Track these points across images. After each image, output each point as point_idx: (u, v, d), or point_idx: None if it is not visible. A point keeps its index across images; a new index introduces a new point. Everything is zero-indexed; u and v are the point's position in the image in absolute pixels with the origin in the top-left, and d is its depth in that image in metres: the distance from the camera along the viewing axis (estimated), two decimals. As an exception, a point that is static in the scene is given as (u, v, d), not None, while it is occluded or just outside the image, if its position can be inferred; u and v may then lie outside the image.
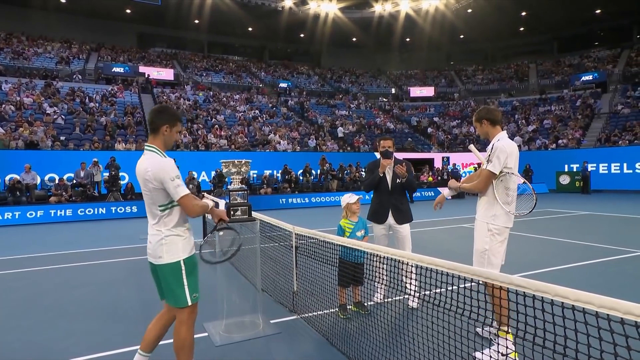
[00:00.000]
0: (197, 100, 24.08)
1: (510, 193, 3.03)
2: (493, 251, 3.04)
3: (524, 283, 1.62)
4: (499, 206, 3.01)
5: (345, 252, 3.63)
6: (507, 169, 2.99)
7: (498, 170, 2.98)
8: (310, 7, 31.72)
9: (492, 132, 3.17)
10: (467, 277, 2.00)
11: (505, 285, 1.83)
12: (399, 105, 31.90)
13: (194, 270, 2.51)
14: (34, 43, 27.61)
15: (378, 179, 4.21)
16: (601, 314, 1.38)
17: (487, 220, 3.06)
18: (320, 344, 3.24)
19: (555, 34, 35.10)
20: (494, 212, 3.04)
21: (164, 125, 2.46)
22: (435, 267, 2.16)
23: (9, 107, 17.35)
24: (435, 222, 10.36)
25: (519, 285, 1.63)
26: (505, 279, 1.80)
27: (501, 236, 3.05)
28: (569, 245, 7.13)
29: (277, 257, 4.58)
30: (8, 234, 9.92)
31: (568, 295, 1.43)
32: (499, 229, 3.03)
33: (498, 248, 3.05)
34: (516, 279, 1.73)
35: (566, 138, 22.64)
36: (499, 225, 3.03)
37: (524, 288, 1.60)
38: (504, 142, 3.03)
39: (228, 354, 3.06)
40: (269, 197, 15.62)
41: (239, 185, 3.56)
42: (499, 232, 3.04)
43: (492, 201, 3.06)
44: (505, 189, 3.03)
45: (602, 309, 1.34)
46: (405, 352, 2.71)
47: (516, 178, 3.02)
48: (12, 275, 5.79)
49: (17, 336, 3.48)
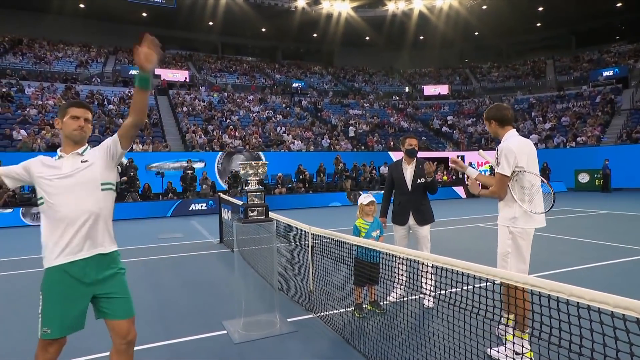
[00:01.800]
0: (212, 101, 24.38)
1: (527, 191, 2.91)
2: (517, 255, 2.93)
3: (539, 283, 1.64)
4: (517, 207, 2.92)
5: (362, 252, 3.67)
6: (519, 168, 2.90)
7: (509, 172, 2.90)
8: (323, 7, 31.76)
9: (501, 132, 3.11)
10: (482, 277, 2.03)
11: (521, 286, 1.84)
12: (412, 103, 31.68)
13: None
14: (55, 47, 28.36)
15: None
16: (617, 314, 1.39)
17: (507, 224, 2.97)
18: (336, 343, 3.29)
19: (573, 29, 34.29)
20: (513, 214, 2.95)
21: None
22: (450, 266, 2.19)
23: (32, 111, 17.88)
24: (451, 221, 10.29)
25: (534, 285, 1.65)
26: (520, 278, 1.82)
27: (524, 239, 2.92)
28: (586, 244, 7.01)
29: (294, 256, 4.64)
30: (33, 233, 10.26)
31: (583, 295, 1.45)
32: (520, 232, 2.92)
33: (523, 251, 2.93)
34: (531, 278, 1.75)
35: (585, 135, 22.15)
36: (520, 227, 2.92)
37: (539, 288, 1.62)
38: (510, 142, 2.97)
39: (246, 352, 3.13)
40: (284, 197, 15.73)
41: (256, 186, 3.64)
42: (521, 235, 2.92)
43: (510, 203, 2.97)
44: (521, 188, 2.93)
45: (618, 309, 1.35)
46: (421, 351, 2.74)
47: (531, 176, 2.91)
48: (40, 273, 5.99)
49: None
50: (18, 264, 6.61)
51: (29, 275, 5.90)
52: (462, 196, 17.58)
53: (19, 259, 6.99)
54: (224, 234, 8.03)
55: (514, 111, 21.29)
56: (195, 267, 6.17)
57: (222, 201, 8.11)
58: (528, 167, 2.93)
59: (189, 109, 22.31)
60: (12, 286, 5.39)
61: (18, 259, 6.99)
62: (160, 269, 6.03)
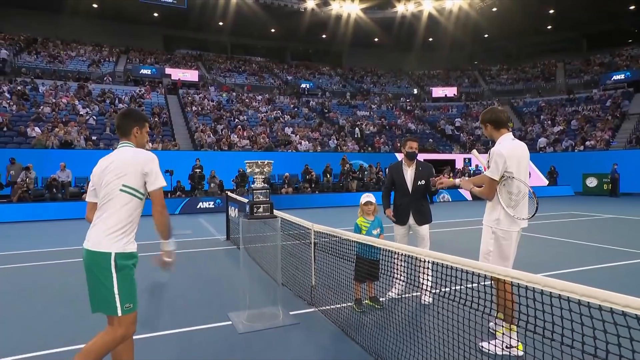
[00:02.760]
0: (221, 101, 24.67)
1: (514, 197, 2.99)
2: (500, 254, 3.04)
3: (518, 275, 1.77)
4: (500, 210, 3.02)
5: (362, 249, 3.81)
6: (508, 173, 2.97)
7: (497, 176, 2.98)
8: (333, 8, 31.93)
9: (497, 134, 3.16)
10: (475, 272, 2.16)
11: (509, 280, 1.96)
12: (420, 105, 31.69)
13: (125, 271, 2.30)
14: (68, 47, 28.91)
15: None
16: (605, 307, 1.51)
17: (491, 225, 3.08)
18: (336, 335, 3.43)
19: (584, 32, 34.02)
20: (497, 216, 3.05)
21: (134, 128, 2.50)
22: (441, 261, 2.33)
23: (46, 109, 18.29)
24: (454, 223, 10.37)
25: (515, 277, 1.78)
26: (509, 273, 1.94)
27: (507, 240, 3.03)
28: (587, 247, 7.06)
29: (297, 253, 4.80)
30: (48, 228, 10.55)
31: (555, 285, 1.58)
32: (503, 233, 3.03)
33: (505, 251, 3.04)
34: (520, 273, 1.86)
35: (594, 139, 22.00)
36: (502, 228, 3.03)
37: (518, 279, 1.76)
38: (502, 146, 3.02)
39: (250, 341, 3.30)
40: (290, 196, 15.91)
41: (262, 184, 3.80)
42: (503, 236, 3.03)
43: (495, 205, 3.08)
44: (508, 194, 3.01)
45: (606, 303, 1.46)
46: (416, 342, 2.87)
47: (519, 183, 2.98)
48: (58, 266, 6.23)
49: (71, 320, 3.83)
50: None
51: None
52: (467, 198, 17.60)
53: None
54: (231, 231, 8.21)
55: (511, 114, 20.67)
56: (203, 262, 6.36)
57: (230, 199, 8.30)
58: (518, 172, 3.00)
59: (198, 109, 22.61)
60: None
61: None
62: (177, 262, 6.23)
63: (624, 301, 1.42)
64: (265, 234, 4.11)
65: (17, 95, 19.05)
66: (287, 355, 3.08)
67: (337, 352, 3.14)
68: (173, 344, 3.29)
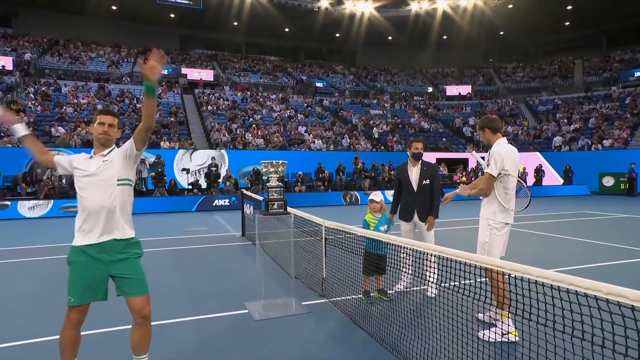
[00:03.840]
0: (236, 100, 25.09)
1: (509, 192, 3.43)
2: (492, 244, 3.42)
3: (512, 266, 1.98)
4: (497, 204, 3.42)
5: (370, 244, 4.04)
6: (505, 171, 3.37)
7: (496, 173, 3.38)
8: (346, 7, 32.04)
9: (493, 139, 3.60)
10: (467, 262, 2.38)
11: (507, 272, 2.17)
12: (434, 104, 31.59)
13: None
14: (88, 48, 29.75)
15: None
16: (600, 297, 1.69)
17: (487, 217, 3.47)
18: (344, 323, 3.68)
19: (603, 28, 33.32)
20: (493, 209, 3.45)
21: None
22: (439, 253, 2.54)
23: (69, 109, 18.97)
24: (460, 221, 10.49)
25: (525, 272, 1.96)
26: (502, 264, 2.14)
27: (500, 231, 3.42)
28: (594, 246, 7.12)
29: (309, 248, 5.05)
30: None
31: (548, 276, 1.78)
32: (497, 224, 3.42)
33: (498, 241, 3.42)
34: (506, 262, 2.09)
35: (612, 138, 21.65)
36: (497, 220, 3.42)
37: (514, 271, 1.98)
38: (500, 147, 3.45)
39: (264, 327, 3.57)
40: (303, 194, 16.19)
41: (276, 182, 4.07)
42: (497, 227, 3.42)
43: (491, 200, 3.47)
44: (504, 189, 3.42)
45: (610, 296, 1.64)
46: (420, 330, 3.09)
47: (513, 179, 3.42)
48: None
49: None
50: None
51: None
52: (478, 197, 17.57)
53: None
54: (246, 227, 8.53)
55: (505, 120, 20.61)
56: (220, 257, 6.68)
57: (245, 197, 8.62)
58: (512, 171, 3.41)
59: (213, 108, 23.08)
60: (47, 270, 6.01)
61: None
62: (187, 258, 6.56)
63: (615, 291, 1.60)
64: (279, 230, 4.38)
65: (41, 95, 19.80)
66: (299, 339, 3.34)
67: (345, 336, 3.38)
68: (195, 328, 3.58)
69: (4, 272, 5.74)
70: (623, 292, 1.58)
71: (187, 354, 3.10)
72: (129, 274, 2.47)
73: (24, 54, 25.18)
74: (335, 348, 3.17)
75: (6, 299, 4.47)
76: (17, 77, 22.22)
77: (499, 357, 2.86)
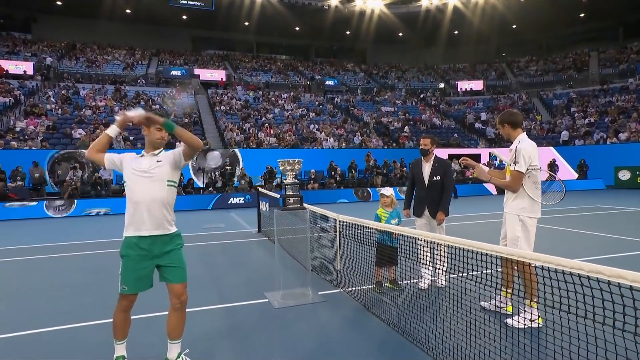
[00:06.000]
0: (248, 99, 25.46)
1: (537, 186, 3.52)
2: (525, 238, 3.47)
3: (544, 258, 2.10)
4: (527, 199, 3.47)
5: (383, 237, 4.27)
6: (532, 167, 3.44)
7: (524, 170, 3.43)
8: (356, 4, 32.14)
9: (514, 134, 3.61)
10: (489, 254, 2.58)
11: (528, 261, 2.22)
12: (445, 100, 31.49)
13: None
14: (104, 51, 30.50)
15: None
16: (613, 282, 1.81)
17: (517, 213, 3.50)
18: (358, 310, 3.92)
19: (620, 20, 32.73)
20: (523, 204, 3.49)
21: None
22: (452, 243, 2.76)
23: (87, 111, 19.57)
24: (473, 216, 10.60)
25: (544, 260, 2.11)
26: (535, 256, 2.18)
27: (531, 226, 3.49)
28: (603, 239, 7.20)
29: (324, 241, 5.31)
30: (95, 222, 11.54)
31: (573, 265, 1.91)
32: (527, 220, 3.48)
33: (529, 236, 3.48)
34: (541, 255, 2.15)
35: (628, 131, 21.34)
36: (527, 215, 3.48)
37: (547, 262, 2.09)
38: (525, 144, 3.47)
39: (284, 314, 3.84)
40: (316, 192, 16.45)
41: (293, 180, 4.33)
42: (527, 222, 3.48)
43: (521, 195, 3.50)
44: (534, 184, 3.49)
45: (612, 278, 1.74)
46: (428, 315, 3.32)
47: (541, 173, 3.53)
48: (104, 255, 7.00)
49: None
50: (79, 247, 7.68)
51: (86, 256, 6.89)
52: (492, 193, 17.59)
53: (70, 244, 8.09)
54: (262, 224, 8.83)
55: (524, 115, 20.53)
56: (239, 251, 6.99)
57: (260, 194, 8.92)
58: (539, 166, 3.48)
59: (226, 108, 23.48)
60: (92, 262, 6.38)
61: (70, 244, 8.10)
62: (209, 252, 6.89)
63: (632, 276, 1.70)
64: (295, 226, 4.64)
65: (61, 99, 20.46)
66: (317, 323, 3.61)
67: (359, 321, 3.63)
68: (220, 315, 3.87)
69: (46, 266, 6.14)
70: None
71: (218, 337, 3.39)
72: (173, 263, 2.74)
73: (44, 58, 25.97)
74: (350, 331, 3.42)
75: (53, 288, 4.85)
76: (39, 81, 22.97)
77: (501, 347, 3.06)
